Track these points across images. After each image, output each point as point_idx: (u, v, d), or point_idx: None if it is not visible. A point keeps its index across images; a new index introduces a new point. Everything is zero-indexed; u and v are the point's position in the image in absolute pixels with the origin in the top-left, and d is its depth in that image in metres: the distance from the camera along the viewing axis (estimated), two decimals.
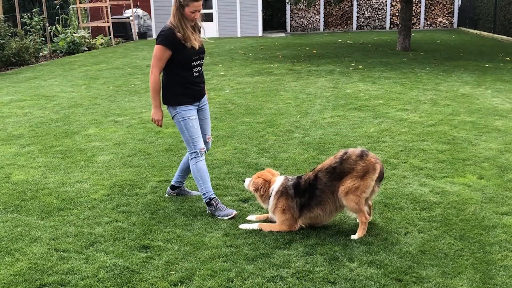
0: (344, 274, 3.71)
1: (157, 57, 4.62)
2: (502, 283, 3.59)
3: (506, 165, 5.85)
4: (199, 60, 4.75)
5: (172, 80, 4.73)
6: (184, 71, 4.70)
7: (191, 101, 4.76)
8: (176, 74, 4.70)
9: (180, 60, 4.64)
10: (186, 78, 4.72)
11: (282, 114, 8.53)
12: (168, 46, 4.57)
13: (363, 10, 26.47)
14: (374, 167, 4.22)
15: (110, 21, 21.87)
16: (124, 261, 3.96)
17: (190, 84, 4.74)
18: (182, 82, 4.72)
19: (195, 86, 4.78)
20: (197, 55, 4.70)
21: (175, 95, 4.73)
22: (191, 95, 4.76)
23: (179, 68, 4.68)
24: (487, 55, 15.35)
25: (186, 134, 4.74)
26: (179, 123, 4.74)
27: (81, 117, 8.77)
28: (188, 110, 4.73)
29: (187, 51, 4.61)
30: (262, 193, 4.51)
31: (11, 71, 14.76)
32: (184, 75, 4.71)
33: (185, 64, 4.67)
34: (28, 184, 5.65)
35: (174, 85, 4.73)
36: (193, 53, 4.67)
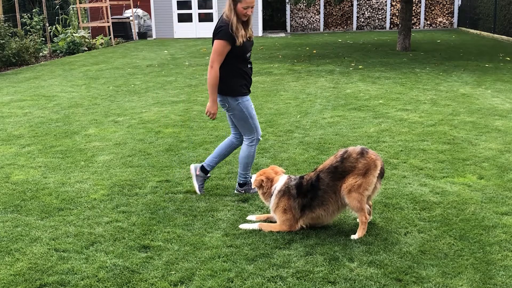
0: (344, 274, 3.71)
1: (218, 51, 4.80)
2: (502, 283, 3.59)
3: (506, 165, 5.85)
4: (250, 52, 5.05)
5: (231, 73, 4.94)
6: (241, 63, 4.94)
7: (248, 91, 5.06)
8: (235, 67, 4.92)
9: (238, 53, 4.85)
10: (244, 70, 4.98)
11: (282, 114, 8.53)
12: (229, 41, 4.75)
13: (363, 10, 26.48)
14: (375, 163, 4.23)
15: (110, 21, 21.87)
16: (124, 261, 3.96)
17: (246, 75, 5.02)
18: (241, 73, 4.97)
19: (250, 78, 5.07)
20: (250, 47, 4.99)
21: (235, 86, 4.95)
22: (247, 85, 5.05)
23: (237, 61, 4.90)
24: (487, 55, 15.35)
25: (250, 122, 5.03)
26: (243, 113, 4.99)
27: (81, 117, 8.77)
28: (248, 101, 5.04)
29: (243, 44, 4.83)
30: (265, 190, 4.51)
31: (11, 71, 14.76)
32: (242, 67, 4.96)
33: (242, 57, 4.91)
34: (28, 184, 5.65)
35: (233, 77, 4.94)
36: (248, 45, 4.92)
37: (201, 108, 9.16)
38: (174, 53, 17.90)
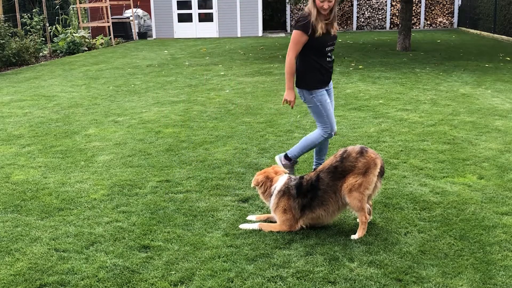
0: (344, 274, 3.71)
1: (294, 41, 4.93)
2: (502, 283, 3.59)
3: (506, 165, 5.85)
4: (332, 46, 5.05)
5: (308, 66, 5.04)
6: (319, 57, 5.01)
7: (323, 85, 5.11)
8: (312, 60, 5.01)
9: (315, 46, 4.94)
10: (321, 64, 5.04)
11: (282, 114, 8.53)
12: (305, 31, 4.86)
13: (363, 10, 26.47)
14: (375, 162, 4.24)
15: (110, 21, 21.87)
16: (124, 261, 3.96)
17: (324, 70, 5.07)
18: (318, 68, 5.04)
19: (328, 72, 5.11)
20: (330, 41, 5.00)
21: (311, 80, 5.06)
22: (324, 80, 5.10)
23: (315, 54, 4.99)
24: (487, 55, 15.35)
25: (324, 116, 5.11)
26: (317, 107, 5.10)
27: (81, 117, 8.77)
28: (323, 95, 5.09)
29: (322, 37, 4.90)
30: (263, 190, 4.51)
31: (11, 71, 14.76)
32: (319, 61, 5.03)
33: (320, 50, 4.98)
34: (28, 184, 5.65)
35: (310, 71, 5.04)
36: (327, 39, 4.96)
37: (201, 108, 9.16)
38: (174, 53, 17.90)
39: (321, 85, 5.11)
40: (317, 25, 4.85)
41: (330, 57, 5.11)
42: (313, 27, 4.86)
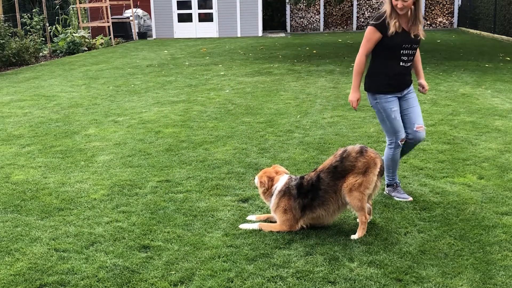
0: (344, 274, 3.71)
1: (366, 37, 4.65)
2: (502, 283, 3.59)
3: (506, 165, 5.85)
4: (409, 50, 4.63)
5: (376, 67, 4.73)
6: (391, 59, 4.64)
7: (392, 90, 4.70)
8: (382, 61, 4.68)
9: (387, 45, 4.59)
10: (392, 67, 4.66)
11: (282, 114, 8.53)
12: (378, 28, 4.58)
13: (363, 10, 26.48)
14: (374, 162, 4.24)
15: (110, 21, 21.87)
16: (124, 261, 3.96)
17: (394, 74, 4.67)
18: (387, 71, 4.67)
19: (399, 77, 4.69)
20: (408, 44, 4.59)
21: (376, 83, 4.72)
22: (393, 85, 4.70)
23: (386, 55, 4.64)
24: (487, 55, 15.35)
25: (387, 125, 4.76)
26: (380, 114, 4.78)
27: (81, 117, 8.77)
28: (389, 101, 4.69)
29: (396, 37, 4.54)
30: (265, 190, 4.49)
31: (11, 71, 14.77)
32: (391, 63, 4.66)
33: (392, 51, 4.61)
34: (28, 184, 5.65)
35: (377, 73, 4.71)
36: (403, 40, 4.57)
37: (201, 108, 9.16)
38: (174, 53, 17.90)
39: (387, 90, 4.69)
40: (390, 23, 4.51)
41: (404, 62, 4.66)
42: (387, 25, 4.54)
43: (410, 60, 4.68)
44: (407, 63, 4.67)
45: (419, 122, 4.80)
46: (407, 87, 4.77)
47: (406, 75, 4.71)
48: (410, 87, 4.80)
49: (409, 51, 4.63)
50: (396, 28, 4.51)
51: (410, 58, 4.66)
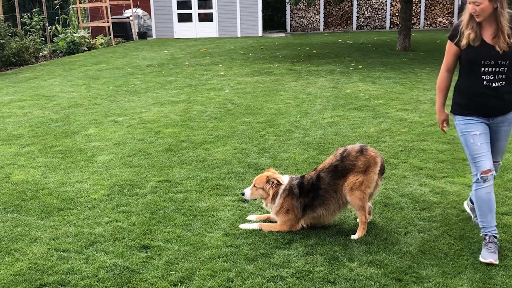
0: (344, 274, 3.72)
1: (446, 50, 4.05)
2: (502, 283, 3.59)
3: (506, 165, 5.85)
4: (495, 67, 3.81)
5: (458, 85, 4.10)
6: (469, 75, 3.94)
7: (471, 113, 3.98)
8: (463, 79, 4.02)
9: (464, 60, 3.95)
10: (472, 86, 3.93)
11: (282, 114, 8.53)
12: (452, 40, 3.96)
13: (363, 10, 26.48)
14: (375, 160, 4.24)
15: (110, 21, 21.87)
16: (124, 261, 3.96)
17: (474, 95, 3.93)
18: (467, 88, 3.99)
19: (481, 99, 3.91)
20: (489, 60, 3.81)
21: (455, 101, 4.12)
22: (473, 106, 3.96)
23: (467, 71, 3.96)
24: None
25: (466, 151, 4.03)
26: (460, 137, 4.10)
27: (81, 117, 8.77)
28: (468, 124, 3.98)
29: (473, 50, 3.84)
30: (275, 192, 4.41)
31: (11, 71, 14.76)
32: (471, 80, 3.93)
33: (469, 66, 3.91)
34: (28, 184, 5.65)
35: (457, 91, 4.10)
36: (481, 55, 3.81)
37: (201, 108, 9.16)
38: (174, 53, 17.89)
39: (466, 112, 4.00)
40: (465, 33, 3.83)
41: (489, 81, 3.85)
42: (461, 36, 3.87)
43: (501, 79, 3.85)
44: (494, 83, 3.85)
45: (497, 157, 4.13)
46: (495, 114, 3.92)
47: (492, 97, 3.87)
48: (505, 116, 3.93)
49: (495, 69, 3.83)
50: (470, 40, 3.81)
51: (499, 76, 3.84)
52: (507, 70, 3.82)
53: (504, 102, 3.89)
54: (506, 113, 3.93)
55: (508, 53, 3.77)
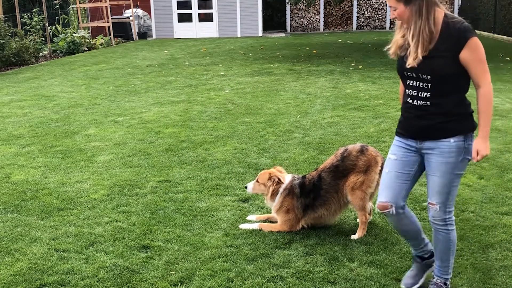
0: (344, 274, 3.71)
1: None
2: (502, 283, 3.59)
3: (506, 165, 5.85)
4: (417, 81, 3.13)
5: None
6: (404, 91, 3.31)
7: (401, 132, 3.32)
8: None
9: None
10: (404, 99, 3.30)
11: (282, 114, 8.53)
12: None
13: (363, 10, 26.48)
14: (375, 160, 4.24)
15: (110, 21, 21.87)
16: (124, 261, 3.96)
17: (404, 109, 3.30)
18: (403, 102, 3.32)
19: (407, 117, 3.25)
20: (410, 71, 3.13)
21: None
22: (401, 125, 3.33)
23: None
24: (487, 55, 15.24)
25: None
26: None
27: (81, 117, 8.77)
28: (393, 145, 3.36)
29: (400, 60, 3.22)
30: (275, 189, 4.41)
31: (11, 71, 14.76)
32: (404, 94, 3.31)
33: (401, 78, 3.28)
34: (28, 184, 5.65)
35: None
36: (405, 66, 3.14)
37: (201, 108, 9.16)
38: (174, 53, 17.89)
39: (397, 130, 3.37)
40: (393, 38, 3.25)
41: (412, 98, 3.18)
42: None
43: (424, 98, 3.14)
44: (418, 101, 3.16)
45: (431, 198, 3.27)
46: (421, 137, 3.20)
47: (417, 118, 3.19)
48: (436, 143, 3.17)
49: (418, 83, 3.14)
50: (396, 48, 3.21)
51: (422, 94, 3.14)
52: (430, 86, 3.10)
53: (430, 123, 3.15)
54: (436, 138, 3.16)
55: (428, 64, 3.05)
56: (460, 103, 3.23)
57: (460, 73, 3.11)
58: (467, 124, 3.24)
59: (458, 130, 3.18)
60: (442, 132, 3.15)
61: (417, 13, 3.02)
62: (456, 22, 3.04)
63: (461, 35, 3.00)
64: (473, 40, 3.02)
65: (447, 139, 3.15)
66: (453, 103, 3.18)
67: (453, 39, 3.01)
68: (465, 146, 3.18)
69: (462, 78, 3.15)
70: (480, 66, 3.10)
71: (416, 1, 3.01)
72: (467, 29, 3.02)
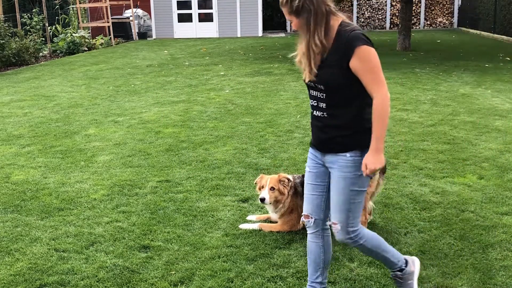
0: (344, 274, 3.71)
1: None
2: (502, 283, 3.59)
3: (506, 165, 5.85)
4: (315, 91, 3.07)
5: None
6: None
7: (312, 143, 3.25)
8: None
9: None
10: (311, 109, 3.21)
11: (282, 114, 8.53)
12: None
13: (363, 10, 26.48)
14: None
15: (110, 21, 21.87)
16: (124, 261, 3.96)
17: (311, 119, 3.23)
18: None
19: (312, 125, 3.21)
20: (310, 81, 3.06)
21: None
22: (312, 134, 3.26)
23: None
24: (487, 55, 15.35)
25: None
26: None
27: (81, 117, 8.77)
28: (308, 156, 3.29)
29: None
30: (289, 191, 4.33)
31: (11, 71, 14.76)
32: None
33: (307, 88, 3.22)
34: (28, 184, 5.65)
35: None
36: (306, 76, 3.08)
37: (201, 108, 9.16)
38: (174, 53, 17.89)
39: (311, 140, 3.26)
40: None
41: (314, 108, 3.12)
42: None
43: (322, 108, 3.05)
44: (317, 112, 3.08)
45: (332, 216, 3.16)
46: (323, 149, 3.11)
47: (318, 129, 3.11)
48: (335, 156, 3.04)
49: (316, 93, 3.06)
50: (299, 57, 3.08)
51: (320, 105, 3.05)
52: (325, 96, 3.00)
53: (328, 136, 3.06)
54: (334, 152, 3.05)
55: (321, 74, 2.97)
56: (356, 116, 3.00)
57: (352, 84, 2.93)
58: (363, 138, 2.98)
59: (354, 145, 3.00)
60: (338, 146, 3.03)
61: (305, 26, 2.91)
62: (346, 30, 2.90)
63: (349, 44, 2.86)
64: (362, 48, 2.85)
65: (344, 154, 3.02)
66: (349, 116, 3.00)
67: (342, 48, 2.88)
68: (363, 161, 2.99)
69: (355, 89, 2.94)
70: (371, 76, 2.88)
71: (304, 14, 2.87)
72: (356, 37, 2.86)
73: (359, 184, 3.03)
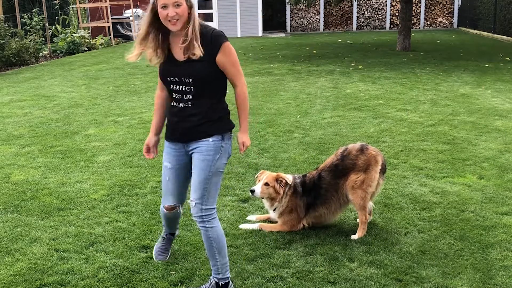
0: (344, 274, 3.71)
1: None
2: (502, 283, 3.59)
3: (506, 165, 5.85)
4: (180, 85, 3.32)
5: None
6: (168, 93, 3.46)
7: (168, 136, 3.51)
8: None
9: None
10: (168, 104, 3.49)
11: (282, 114, 8.53)
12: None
13: (363, 10, 26.48)
14: (375, 159, 4.24)
15: (110, 21, 21.87)
16: (124, 261, 3.96)
17: (170, 114, 3.45)
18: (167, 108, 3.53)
19: (173, 118, 3.42)
20: (173, 77, 3.32)
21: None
22: (169, 128, 3.49)
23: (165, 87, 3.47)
24: (487, 55, 15.35)
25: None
26: None
27: (81, 117, 8.77)
28: (165, 149, 3.59)
29: (162, 65, 3.40)
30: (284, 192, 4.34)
31: (11, 71, 14.76)
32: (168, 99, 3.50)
33: (164, 84, 3.45)
34: (28, 184, 5.65)
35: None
36: (168, 70, 3.35)
37: None
38: None
39: (166, 135, 3.53)
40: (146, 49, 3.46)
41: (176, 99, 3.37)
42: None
43: (187, 100, 3.32)
44: (182, 103, 3.33)
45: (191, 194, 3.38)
46: (185, 139, 3.39)
47: (182, 120, 3.35)
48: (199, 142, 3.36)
49: (181, 87, 3.30)
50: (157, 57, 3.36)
51: (186, 97, 3.32)
52: (193, 88, 3.28)
53: (193, 125, 3.33)
54: (198, 139, 3.35)
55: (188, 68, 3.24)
56: (217, 105, 3.44)
57: (217, 76, 3.33)
58: (224, 124, 3.49)
59: (216, 131, 3.40)
60: (203, 133, 3.36)
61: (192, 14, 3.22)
62: (210, 29, 3.27)
63: (215, 41, 3.23)
64: (226, 44, 3.25)
65: (207, 139, 3.36)
66: (211, 105, 3.39)
67: (209, 45, 3.21)
68: (223, 145, 3.44)
69: (219, 81, 3.37)
70: (235, 68, 3.33)
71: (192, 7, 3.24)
72: (220, 34, 3.26)
73: (217, 166, 3.41)
